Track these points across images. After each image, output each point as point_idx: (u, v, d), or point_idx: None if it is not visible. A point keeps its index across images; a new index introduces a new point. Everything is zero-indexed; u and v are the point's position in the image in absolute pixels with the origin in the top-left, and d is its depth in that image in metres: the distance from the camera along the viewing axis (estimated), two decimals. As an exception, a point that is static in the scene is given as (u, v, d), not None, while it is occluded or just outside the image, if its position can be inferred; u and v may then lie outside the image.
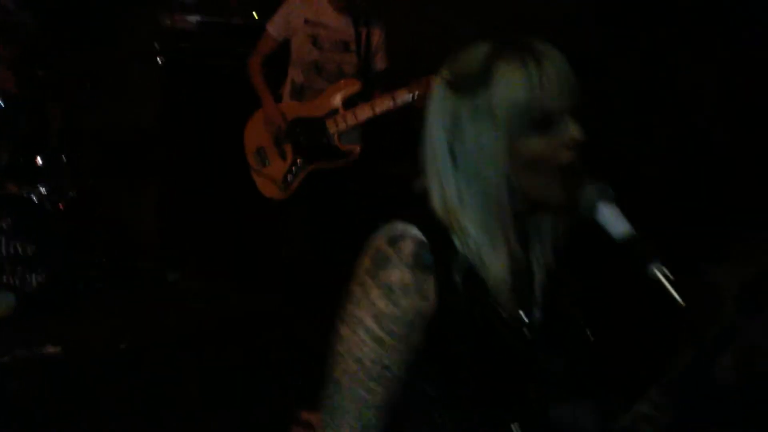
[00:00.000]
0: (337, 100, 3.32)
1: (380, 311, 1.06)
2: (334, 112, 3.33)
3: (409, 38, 4.36)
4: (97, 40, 4.65)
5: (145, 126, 4.73)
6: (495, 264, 1.08)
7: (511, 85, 1.04)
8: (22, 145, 4.02)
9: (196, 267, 4.41)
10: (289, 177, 3.34)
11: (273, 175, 3.36)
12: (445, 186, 1.09)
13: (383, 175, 4.33)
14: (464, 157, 1.08)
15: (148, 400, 2.98)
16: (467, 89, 1.07)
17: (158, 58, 4.22)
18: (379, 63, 3.44)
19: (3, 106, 4.16)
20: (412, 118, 4.00)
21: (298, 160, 3.35)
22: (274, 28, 3.34)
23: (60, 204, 4.05)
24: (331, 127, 3.33)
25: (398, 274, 1.05)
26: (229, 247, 4.44)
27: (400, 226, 1.09)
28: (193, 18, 4.20)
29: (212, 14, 4.22)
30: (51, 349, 3.21)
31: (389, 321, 1.06)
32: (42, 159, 4.09)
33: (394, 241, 1.08)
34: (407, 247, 1.06)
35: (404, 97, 3.27)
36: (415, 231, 1.08)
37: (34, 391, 2.94)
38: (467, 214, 1.08)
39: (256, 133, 3.40)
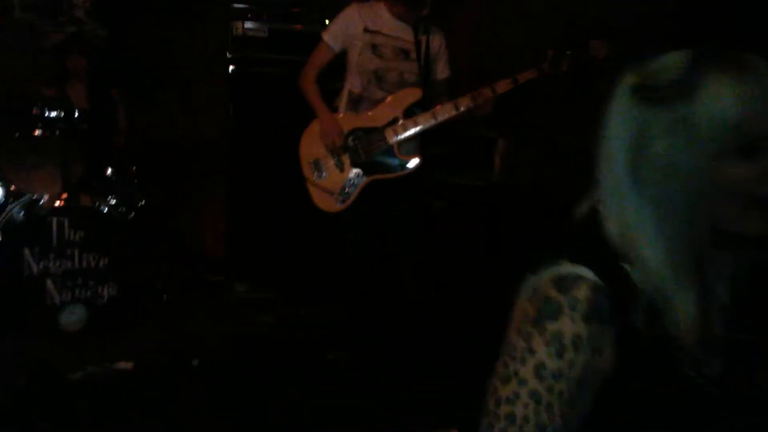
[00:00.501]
0: (398, 109, 3.22)
1: (548, 369, 0.91)
2: (394, 121, 3.22)
3: (469, 47, 4.30)
4: (165, 49, 4.67)
5: (211, 136, 4.72)
6: (685, 305, 0.92)
7: (721, 99, 0.90)
8: (94, 157, 4.02)
9: (264, 279, 4.34)
10: (348, 189, 3.24)
11: (330, 187, 3.26)
12: (625, 209, 0.95)
13: (443, 185, 4.26)
14: (651, 176, 0.94)
15: (220, 414, 2.91)
16: (663, 100, 0.93)
17: (227, 67, 4.16)
18: (440, 72, 3.33)
19: (77, 119, 4.18)
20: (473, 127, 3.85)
21: (357, 172, 3.24)
22: (332, 37, 3.25)
23: (129, 215, 4.05)
24: (391, 137, 3.22)
25: (571, 327, 0.91)
26: (295, 258, 4.36)
27: (569, 267, 0.94)
28: (263, 26, 4.13)
29: (281, 22, 4.14)
30: (123, 365, 3.17)
31: (558, 381, 0.91)
32: (112, 171, 4.09)
33: (564, 286, 0.93)
34: (581, 293, 0.92)
35: (467, 104, 3.17)
36: (587, 272, 0.93)
37: (107, 408, 2.89)
38: (650, 243, 0.93)
39: (312, 145, 3.30)
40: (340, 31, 3.25)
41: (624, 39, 3.07)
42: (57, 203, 3.57)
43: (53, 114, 3.73)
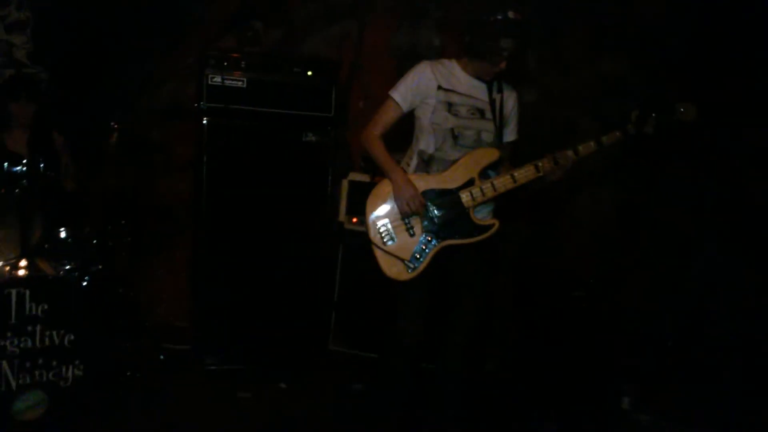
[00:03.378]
0: (474, 170, 3.00)
1: None
2: (470, 183, 2.99)
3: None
4: (129, 99, 4.30)
5: (179, 193, 4.34)
6: None
7: None
8: (46, 216, 3.55)
9: (237, 351, 3.95)
10: (419, 255, 2.96)
11: (400, 253, 2.97)
12: None
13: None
14: None
15: None
16: None
17: (201, 119, 3.81)
18: (510, 133, 3.16)
19: (16, 171, 3.72)
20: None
21: (429, 237, 2.98)
22: (402, 96, 3.02)
23: (85, 280, 3.60)
24: (467, 200, 2.99)
25: None
26: (266, 327, 3.99)
27: None
28: (240, 76, 3.82)
29: (260, 72, 3.86)
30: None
31: None
32: (67, 231, 3.63)
33: None
34: None
35: (549, 166, 2.98)
36: None
37: None
38: None
39: (381, 207, 3.01)
40: (411, 90, 3.02)
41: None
42: (15, 272, 3.09)
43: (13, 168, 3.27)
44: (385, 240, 2.99)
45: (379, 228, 3.00)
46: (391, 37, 4.57)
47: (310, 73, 3.94)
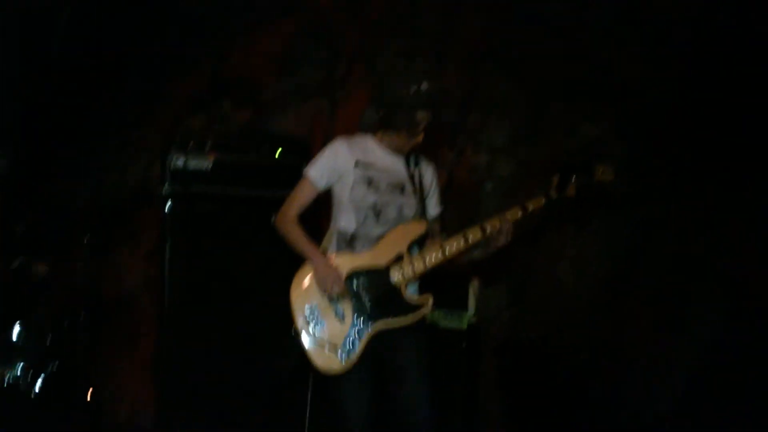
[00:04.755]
0: (401, 245, 2.84)
1: None
2: (398, 259, 2.83)
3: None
4: (87, 184, 4.13)
5: (140, 283, 4.12)
6: None
7: None
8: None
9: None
10: (352, 342, 2.75)
11: (330, 340, 2.76)
12: None
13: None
14: None
15: None
16: None
17: (164, 204, 3.63)
18: (434, 206, 3.04)
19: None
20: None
21: (361, 321, 2.78)
22: (318, 174, 2.88)
23: (38, 383, 3.33)
24: (398, 278, 2.81)
25: None
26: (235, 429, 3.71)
27: None
28: (205, 157, 3.67)
29: (229, 151, 3.70)
30: None
31: None
32: (20, 327, 3.39)
33: None
34: None
35: (477, 236, 2.85)
36: None
37: None
38: None
39: (304, 293, 2.83)
40: (327, 167, 2.88)
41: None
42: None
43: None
44: (312, 327, 2.77)
45: (305, 315, 2.79)
46: (363, 114, 4.47)
47: (279, 151, 3.80)
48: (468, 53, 4.35)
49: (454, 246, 2.84)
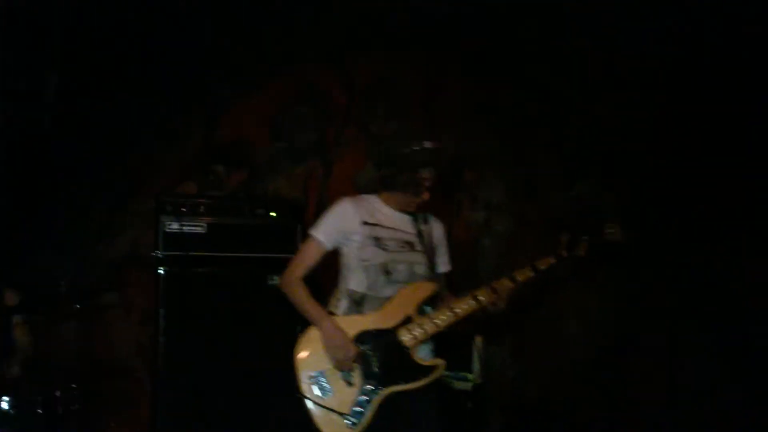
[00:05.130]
0: (410, 306, 2.76)
1: None
2: (407, 320, 2.75)
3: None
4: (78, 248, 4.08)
5: (133, 352, 4.03)
6: None
7: None
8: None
9: None
10: (361, 407, 2.65)
11: (338, 407, 2.65)
12: None
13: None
14: None
15: None
16: None
17: (157, 268, 3.58)
18: (443, 265, 2.96)
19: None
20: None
21: (370, 385, 2.68)
22: (325, 234, 2.81)
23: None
24: (407, 340, 2.72)
25: None
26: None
27: None
28: (200, 221, 3.64)
29: (222, 215, 3.68)
30: None
31: None
32: (10, 401, 3.28)
33: None
34: None
35: (488, 296, 2.77)
36: None
37: None
38: None
39: (311, 357, 2.72)
40: (334, 227, 2.81)
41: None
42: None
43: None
44: (319, 393, 2.68)
45: (312, 380, 2.69)
46: (356, 174, 4.48)
47: (273, 213, 3.78)
48: (457, 112, 4.40)
49: (464, 307, 2.76)
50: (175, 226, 3.61)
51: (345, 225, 2.80)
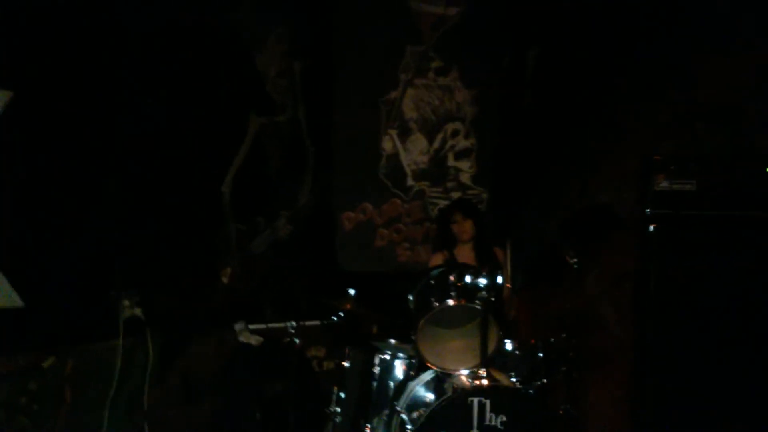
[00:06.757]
0: None
1: None
2: None
3: None
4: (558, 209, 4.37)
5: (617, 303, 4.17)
6: None
7: None
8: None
9: None
10: None
11: None
12: None
13: None
14: None
15: None
16: None
17: (648, 226, 3.62)
18: None
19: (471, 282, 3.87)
20: None
21: None
22: None
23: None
24: None
25: None
26: None
27: None
28: (689, 179, 3.57)
29: (712, 174, 3.56)
30: None
31: None
32: (512, 343, 3.65)
33: None
34: None
35: None
36: None
37: None
38: None
39: None
40: None
41: None
42: (477, 381, 3.16)
43: (471, 280, 3.40)
44: None
45: None
46: None
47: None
48: None
49: None
50: (664, 184, 3.60)
51: None
